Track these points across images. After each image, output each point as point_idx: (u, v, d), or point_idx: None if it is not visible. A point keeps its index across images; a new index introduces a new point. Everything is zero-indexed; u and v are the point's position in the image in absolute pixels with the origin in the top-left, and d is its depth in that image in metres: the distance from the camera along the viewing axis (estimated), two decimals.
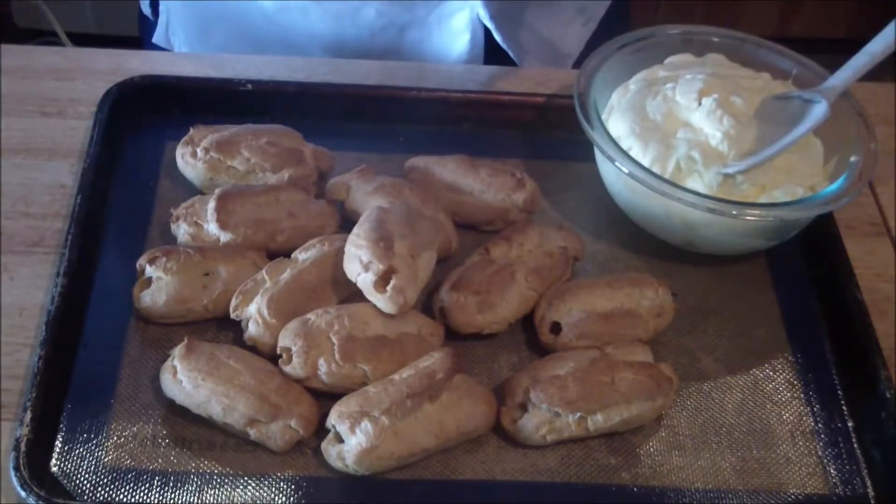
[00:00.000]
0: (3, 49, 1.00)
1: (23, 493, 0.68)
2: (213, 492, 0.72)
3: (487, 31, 1.06)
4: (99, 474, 0.72)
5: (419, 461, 0.74)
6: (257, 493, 0.72)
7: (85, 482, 0.71)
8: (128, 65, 0.99)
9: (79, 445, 0.73)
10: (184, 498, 0.71)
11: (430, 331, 0.79)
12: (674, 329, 0.83)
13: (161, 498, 0.71)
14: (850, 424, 0.79)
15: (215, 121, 0.90)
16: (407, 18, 1.06)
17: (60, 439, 0.73)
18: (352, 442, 0.71)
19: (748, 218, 0.81)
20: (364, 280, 0.76)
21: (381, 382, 0.74)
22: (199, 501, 0.71)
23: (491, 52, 1.08)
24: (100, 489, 0.71)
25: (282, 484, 0.72)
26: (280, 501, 0.72)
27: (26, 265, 0.83)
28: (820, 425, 0.79)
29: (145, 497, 0.71)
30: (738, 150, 0.85)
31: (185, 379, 0.73)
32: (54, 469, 0.72)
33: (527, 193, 0.88)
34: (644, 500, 0.74)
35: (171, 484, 0.72)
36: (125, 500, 0.71)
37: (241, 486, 0.72)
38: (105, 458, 0.73)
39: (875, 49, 0.84)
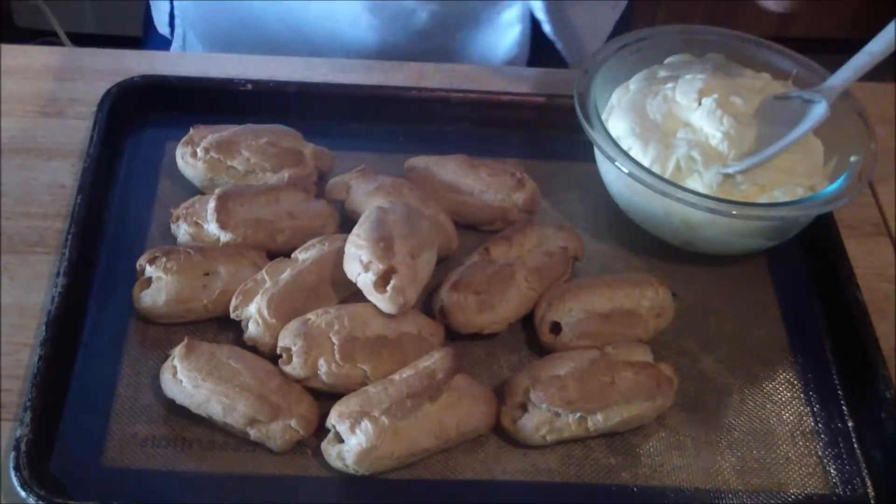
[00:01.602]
0: (3, 49, 0.99)
1: (23, 493, 0.68)
2: (213, 492, 0.71)
3: (532, 29, 1.06)
4: (99, 474, 0.72)
5: (419, 461, 0.74)
6: (257, 493, 0.72)
7: (85, 482, 0.71)
8: (128, 65, 0.99)
9: (79, 445, 0.73)
10: (184, 498, 0.71)
11: (430, 331, 0.79)
12: (674, 329, 0.83)
13: (161, 498, 0.71)
14: (850, 424, 0.79)
15: (215, 121, 0.90)
16: (459, 19, 1.05)
17: (60, 439, 0.73)
18: (352, 442, 0.71)
19: (748, 218, 0.81)
20: (364, 280, 0.76)
21: (381, 382, 0.74)
22: (200, 501, 0.71)
23: (534, 51, 1.08)
24: (100, 489, 0.71)
25: (282, 484, 0.72)
26: (280, 501, 0.72)
27: (26, 265, 0.83)
28: (820, 425, 0.79)
29: (145, 497, 0.71)
30: (738, 150, 0.85)
31: (185, 379, 0.73)
32: (54, 469, 0.72)
33: (527, 193, 0.88)
34: (644, 500, 0.74)
35: (171, 484, 0.72)
36: (125, 500, 0.71)
37: (241, 486, 0.72)
38: (105, 458, 0.73)
39: (875, 49, 0.84)
